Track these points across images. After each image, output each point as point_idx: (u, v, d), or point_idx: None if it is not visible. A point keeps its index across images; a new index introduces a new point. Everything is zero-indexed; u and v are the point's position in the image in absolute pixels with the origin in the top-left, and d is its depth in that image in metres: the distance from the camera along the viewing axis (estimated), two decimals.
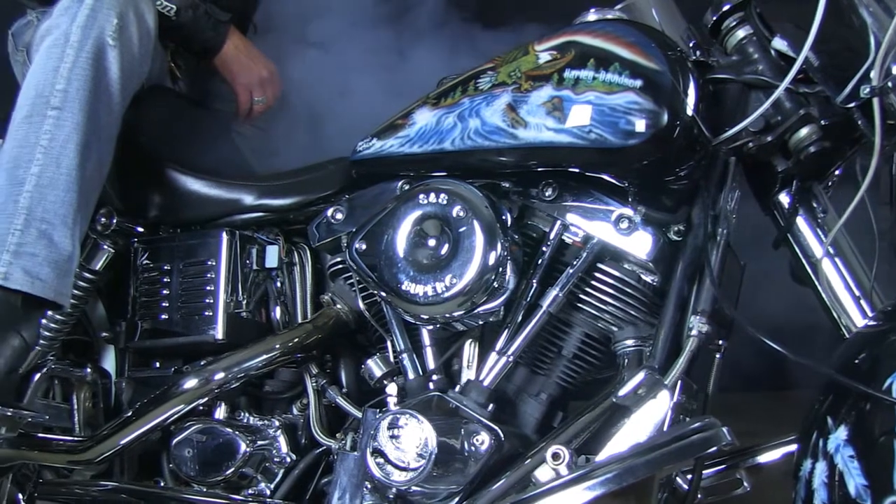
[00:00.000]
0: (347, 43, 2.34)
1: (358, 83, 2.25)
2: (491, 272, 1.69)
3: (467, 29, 2.24)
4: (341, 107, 2.22)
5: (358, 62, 2.32)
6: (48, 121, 1.79)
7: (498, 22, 2.23)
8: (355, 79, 2.29)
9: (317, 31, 2.32)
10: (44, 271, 1.75)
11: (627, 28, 1.72)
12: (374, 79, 2.26)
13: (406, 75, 2.27)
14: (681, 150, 1.67)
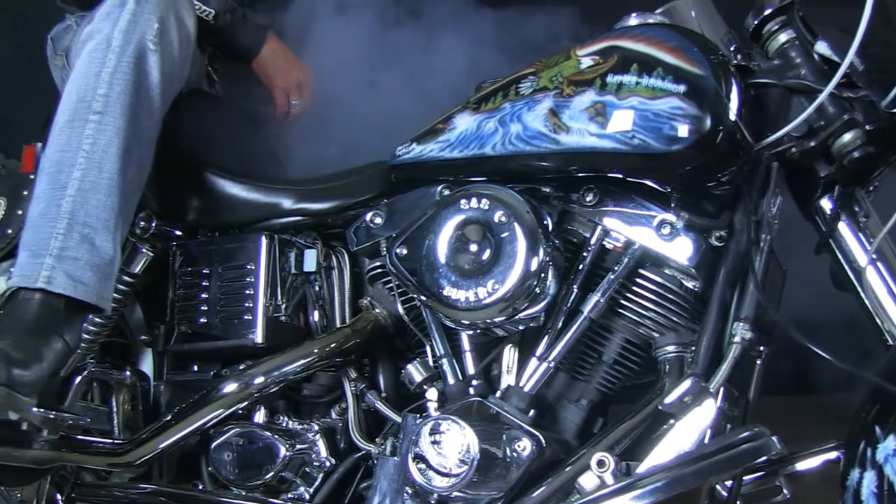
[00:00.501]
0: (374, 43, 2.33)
1: (387, 84, 2.24)
2: (533, 278, 1.69)
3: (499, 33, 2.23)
4: (371, 108, 2.21)
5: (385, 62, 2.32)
6: (90, 125, 1.80)
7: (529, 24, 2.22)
8: (383, 79, 2.29)
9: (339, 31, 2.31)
10: (86, 275, 1.76)
11: (670, 32, 1.71)
12: (401, 79, 2.26)
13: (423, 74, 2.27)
14: (723, 155, 1.66)
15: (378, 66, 2.22)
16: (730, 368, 1.65)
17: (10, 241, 1.95)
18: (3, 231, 1.97)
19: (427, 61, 2.22)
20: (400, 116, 2.14)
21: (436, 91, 2.15)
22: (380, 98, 2.16)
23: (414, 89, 2.20)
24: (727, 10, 1.94)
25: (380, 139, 2.14)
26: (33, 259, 1.76)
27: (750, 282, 1.69)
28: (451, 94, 2.08)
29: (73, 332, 1.77)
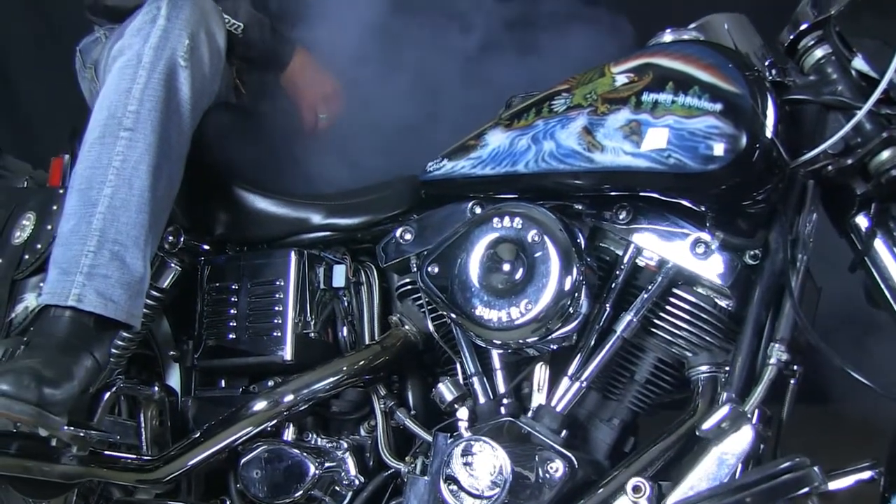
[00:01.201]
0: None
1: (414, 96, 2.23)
2: (567, 297, 1.67)
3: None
4: (400, 119, 2.20)
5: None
6: (121, 142, 1.79)
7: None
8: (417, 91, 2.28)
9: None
10: (116, 293, 1.75)
11: (705, 49, 1.69)
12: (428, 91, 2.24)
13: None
14: (760, 173, 1.64)
15: (405, 77, 2.21)
16: (765, 391, 1.64)
17: (39, 256, 1.95)
18: (32, 246, 1.96)
19: (455, 73, 2.20)
20: (428, 128, 2.14)
21: (464, 103, 2.14)
22: (409, 110, 2.14)
23: (441, 101, 2.19)
24: (761, 20, 1.93)
25: (408, 151, 2.13)
26: (63, 277, 1.75)
27: (786, 301, 1.68)
28: (479, 105, 2.08)
29: (103, 350, 1.77)
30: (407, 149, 2.14)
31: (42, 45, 2.32)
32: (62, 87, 2.42)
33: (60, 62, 2.37)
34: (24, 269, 1.96)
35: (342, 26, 2.18)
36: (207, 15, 1.89)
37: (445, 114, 2.14)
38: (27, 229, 1.99)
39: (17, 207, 2.03)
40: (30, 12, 2.41)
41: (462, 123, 1.98)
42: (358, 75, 2.21)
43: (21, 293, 1.97)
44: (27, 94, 2.84)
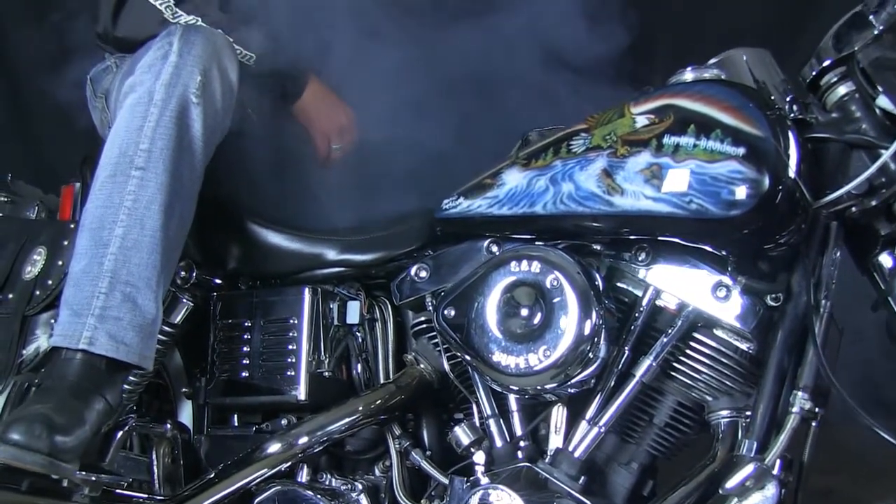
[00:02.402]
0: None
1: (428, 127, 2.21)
2: (586, 343, 1.65)
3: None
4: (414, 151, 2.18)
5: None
6: (132, 181, 1.77)
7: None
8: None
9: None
10: (128, 335, 1.73)
11: (726, 90, 1.66)
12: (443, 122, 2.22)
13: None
14: (783, 215, 1.62)
15: (417, 105, 2.18)
16: (788, 440, 1.61)
17: (50, 292, 1.92)
18: (43, 282, 1.94)
19: (470, 102, 2.18)
20: (443, 160, 2.11)
21: (479, 133, 2.11)
22: (423, 142, 2.12)
23: (456, 131, 2.16)
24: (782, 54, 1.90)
25: (423, 183, 2.11)
26: (75, 318, 1.73)
27: (809, 347, 1.65)
28: (495, 135, 2.06)
29: (115, 392, 1.75)
30: (421, 180, 2.11)
31: (55, 69, 2.29)
32: (74, 111, 2.39)
33: (73, 86, 2.34)
34: (35, 306, 1.93)
35: (355, 55, 2.16)
36: (220, 50, 1.86)
37: (461, 144, 2.12)
38: (38, 264, 1.96)
39: (27, 241, 2.01)
40: (43, 35, 2.39)
41: (478, 155, 1.96)
42: (370, 104, 2.18)
43: (32, 329, 1.94)
44: (39, 118, 2.82)
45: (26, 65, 2.50)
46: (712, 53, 1.83)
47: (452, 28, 2.23)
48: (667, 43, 2.83)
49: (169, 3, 1.96)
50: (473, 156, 1.99)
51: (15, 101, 2.70)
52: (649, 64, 2.25)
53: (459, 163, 2.02)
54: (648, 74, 1.96)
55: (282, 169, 2.15)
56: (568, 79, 2.10)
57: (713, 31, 2.89)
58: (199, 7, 1.97)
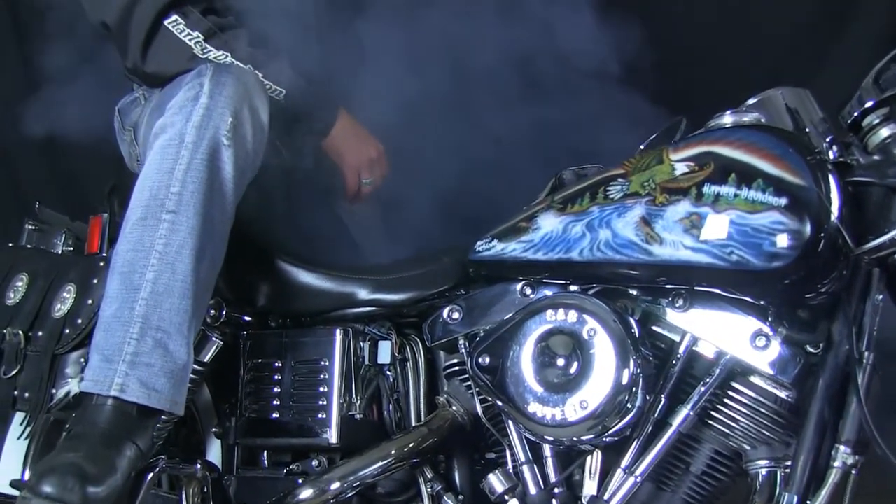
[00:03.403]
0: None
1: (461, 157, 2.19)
2: (624, 392, 1.63)
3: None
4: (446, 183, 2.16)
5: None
6: (163, 224, 1.75)
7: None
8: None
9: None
10: (160, 382, 1.71)
11: (766, 136, 1.63)
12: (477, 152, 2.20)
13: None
14: (825, 263, 1.58)
15: (451, 138, 2.16)
16: (830, 495, 1.58)
17: (80, 332, 1.90)
18: (73, 321, 1.92)
19: (504, 135, 2.16)
20: (474, 195, 2.10)
21: (512, 169, 2.09)
22: (455, 177, 2.10)
23: (490, 165, 2.15)
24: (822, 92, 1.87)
25: (454, 219, 2.09)
26: (106, 364, 1.71)
27: (850, 398, 1.62)
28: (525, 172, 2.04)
29: (146, 437, 1.73)
30: (453, 216, 2.10)
31: (85, 95, 2.28)
32: (101, 139, 2.38)
33: (101, 112, 2.33)
34: (65, 345, 1.91)
35: (385, 88, 2.14)
36: (251, 90, 1.84)
37: (494, 178, 2.10)
38: (67, 302, 1.95)
39: (56, 278, 1.99)
40: (72, 61, 2.38)
41: (510, 190, 1.94)
42: (402, 140, 2.16)
43: (62, 368, 1.92)
44: (66, 143, 2.81)
45: (52, 90, 2.48)
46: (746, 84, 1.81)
47: (485, 60, 2.21)
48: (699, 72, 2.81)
49: (198, 38, 1.94)
50: (509, 193, 1.97)
51: (42, 126, 2.69)
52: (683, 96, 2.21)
53: (494, 201, 1.99)
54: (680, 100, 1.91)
55: (312, 205, 2.13)
56: (603, 112, 2.07)
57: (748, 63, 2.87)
58: (228, 42, 1.95)
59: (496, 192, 2.07)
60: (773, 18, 2.93)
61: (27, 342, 1.95)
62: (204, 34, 1.94)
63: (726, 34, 2.85)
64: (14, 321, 1.98)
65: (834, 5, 3.09)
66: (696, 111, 1.84)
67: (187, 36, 1.94)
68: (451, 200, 2.12)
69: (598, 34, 2.12)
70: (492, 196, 2.10)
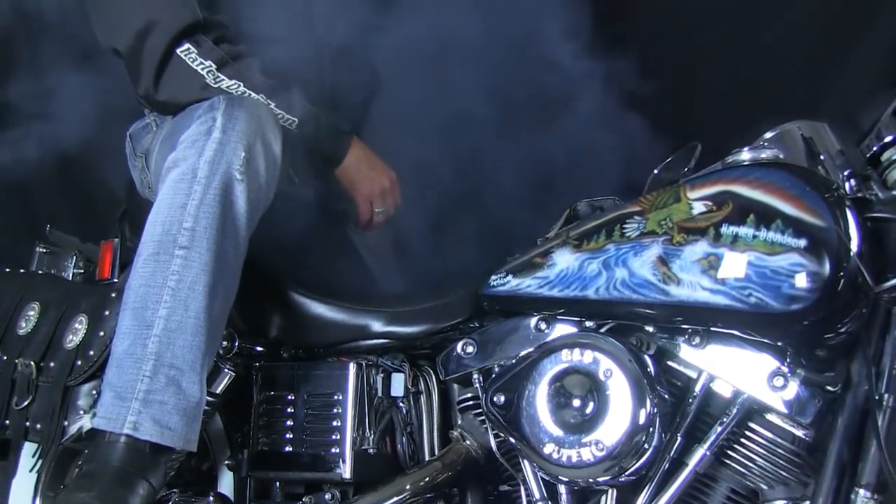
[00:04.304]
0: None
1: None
2: (641, 433, 1.61)
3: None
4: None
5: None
6: (176, 260, 1.74)
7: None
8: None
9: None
10: (173, 420, 1.70)
11: (785, 175, 1.60)
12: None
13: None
14: (845, 304, 1.56)
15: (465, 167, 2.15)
16: None
17: (92, 364, 1.89)
18: (85, 353, 1.91)
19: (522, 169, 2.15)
20: (489, 223, 2.09)
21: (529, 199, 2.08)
22: (472, 204, 2.09)
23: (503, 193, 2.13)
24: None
25: (466, 246, 2.08)
26: (119, 402, 1.71)
27: (870, 441, 1.60)
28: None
29: (158, 474, 1.73)
30: (466, 243, 2.09)
31: (97, 118, 2.28)
32: (115, 159, 2.37)
33: (111, 139, 2.33)
34: (77, 376, 1.90)
35: (399, 118, 2.13)
36: (264, 123, 1.83)
37: (509, 207, 2.09)
38: (79, 333, 1.94)
39: (68, 308, 1.98)
40: (83, 82, 2.37)
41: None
42: (417, 167, 2.15)
43: (74, 400, 1.91)
44: (80, 165, 2.81)
45: (63, 114, 2.48)
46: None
47: (500, 82, 2.20)
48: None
49: (211, 67, 1.93)
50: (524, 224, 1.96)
51: (53, 150, 2.69)
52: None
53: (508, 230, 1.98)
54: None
55: (325, 233, 2.12)
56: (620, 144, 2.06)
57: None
58: (240, 72, 1.94)
59: (510, 219, 2.05)
60: (782, 42, 2.91)
61: (39, 373, 1.95)
62: (216, 63, 1.93)
63: (734, 59, 2.84)
64: (26, 351, 1.98)
65: (843, 27, 3.06)
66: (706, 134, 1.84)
67: (199, 65, 1.93)
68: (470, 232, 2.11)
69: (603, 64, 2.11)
70: (506, 222, 2.08)
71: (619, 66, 2.13)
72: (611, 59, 2.12)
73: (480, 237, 2.03)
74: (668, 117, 2.16)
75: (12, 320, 2.04)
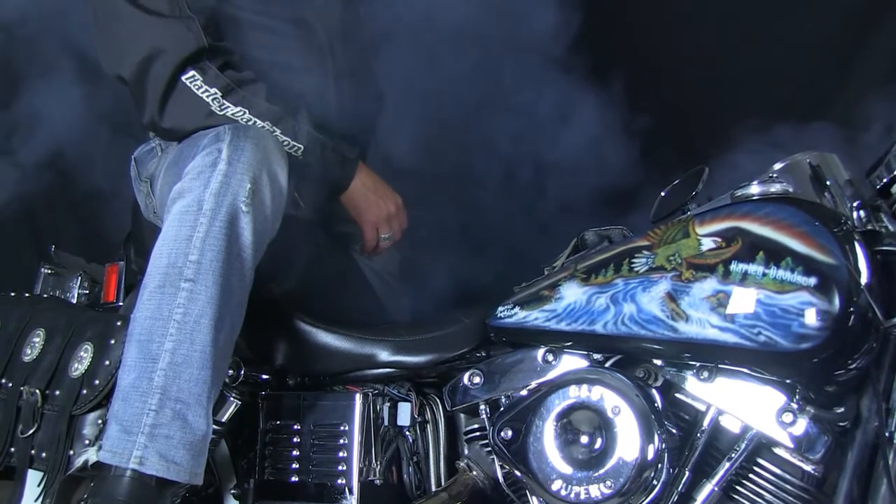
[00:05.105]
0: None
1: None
2: (650, 469, 1.61)
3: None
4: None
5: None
6: (182, 293, 1.73)
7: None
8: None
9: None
10: (179, 454, 1.70)
11: (794, 211, 1.60)
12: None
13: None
14: (855, 340, 1.56)
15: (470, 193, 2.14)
16: None
17: (98, 393, 1.88)
18: (91, 382, 1.89)
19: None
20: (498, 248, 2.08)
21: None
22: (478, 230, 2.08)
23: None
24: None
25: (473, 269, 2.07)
26: (125, 435, 1.70)
27: (880, 479, 1.59)
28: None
29: None
30: (472, 267, 2.08)
31: (103, 140, 2.28)
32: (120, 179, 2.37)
33: (119, 160, 2.32)
34: (83, 406, 1.89)
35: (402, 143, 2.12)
36: (269, 155, 1.82)
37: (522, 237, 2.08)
38: (84, 361, 1.93)
39: (73, 335, 1.97)
40: (88, 104, 2.38)
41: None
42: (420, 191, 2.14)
43: (80, 429, 1.89)
44: (86, 185, 2.80)
45: (68, 134, 2.48)
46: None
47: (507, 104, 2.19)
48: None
49: (216, 94, 1.92)
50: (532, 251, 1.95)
51: (61, 166, 2.70)
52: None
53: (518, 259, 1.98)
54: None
55: (330, 258, 2.11)
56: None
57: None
58: (246, 98, 1.93)
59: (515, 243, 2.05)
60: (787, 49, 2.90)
61: (44, 401, 1.94)
62: (221, 91, 1.92)
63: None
64: (31, 378, 1.97)
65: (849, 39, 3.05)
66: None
67: (205, 92, 1.92)
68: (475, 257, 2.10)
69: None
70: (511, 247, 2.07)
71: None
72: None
73: (484, 256, 2.02)
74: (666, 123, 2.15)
75: (17, 346, 2.03)
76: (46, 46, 2.56)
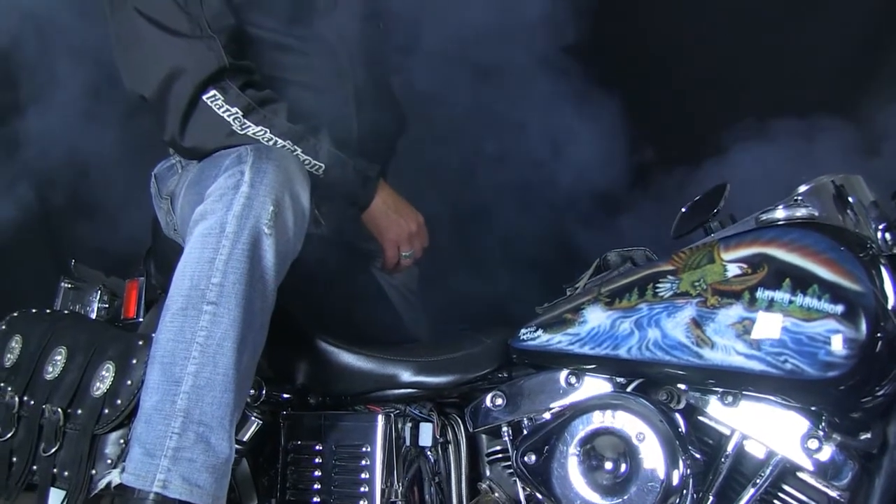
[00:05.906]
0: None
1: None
2: (674, 495, 1.61)
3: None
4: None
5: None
6: (204, 316, 1.73)
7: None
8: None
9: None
10: (202, 478, 1.70)
11: (820, 238, 1.59)
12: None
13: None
14: (882, 368, 1.55)
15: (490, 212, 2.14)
16: None
17: (119, 413, 1.88)
18: (112, 401, 1.90)
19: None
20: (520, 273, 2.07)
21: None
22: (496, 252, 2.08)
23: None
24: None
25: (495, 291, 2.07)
26: (148, 459, 1.70)
27: None
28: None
29: None
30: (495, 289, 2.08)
31: (122, 153, 2.28)
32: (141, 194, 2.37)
33: (139, 176, 2.32)
34: (105, 425, 1.90)
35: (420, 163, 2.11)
36: (292, 176, 1.81)
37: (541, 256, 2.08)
38: (106, 381, 1.93)
39: (95, 354, 1.97)
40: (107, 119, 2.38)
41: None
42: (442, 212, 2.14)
43: (102, 449, 1.90)
44: (105, 199, 2.81)
45: (88, 147, 2.49)
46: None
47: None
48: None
49: (237, 114, 1.91)
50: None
51: (84, 181, 2.70)
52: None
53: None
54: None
55: (352, 277, 2.11)
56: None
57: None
58: (267, 118, 1.92)
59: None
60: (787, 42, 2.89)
61: (66, 419, 1.94)
62: (242, 110, 1.92)
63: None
64: (53, 397, 1.97)
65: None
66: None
67: (226, 112, 1.92)
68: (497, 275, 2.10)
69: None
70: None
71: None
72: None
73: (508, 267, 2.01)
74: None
75: (39, 364, 2.04)
76: (65, 60, 2.56)
